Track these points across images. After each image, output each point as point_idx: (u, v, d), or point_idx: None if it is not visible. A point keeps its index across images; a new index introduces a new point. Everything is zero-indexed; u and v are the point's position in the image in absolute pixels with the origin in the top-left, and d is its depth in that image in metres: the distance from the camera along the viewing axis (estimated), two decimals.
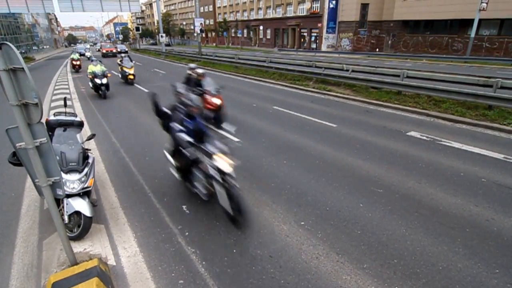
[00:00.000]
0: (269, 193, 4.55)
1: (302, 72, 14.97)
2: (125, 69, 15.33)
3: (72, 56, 22.54)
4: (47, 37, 78.23)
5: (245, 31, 53.45)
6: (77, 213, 3.40)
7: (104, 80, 11.87)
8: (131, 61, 15.94)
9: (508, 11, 24.17)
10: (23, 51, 45.05)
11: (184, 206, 4.22)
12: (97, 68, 11.97)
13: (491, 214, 3.93)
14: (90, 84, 12.65)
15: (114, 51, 38.59)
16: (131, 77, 15.30)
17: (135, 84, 15.15)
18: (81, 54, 29.10)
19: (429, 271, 3.01)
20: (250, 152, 6.13)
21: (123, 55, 17.08)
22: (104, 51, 39.09)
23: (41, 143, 2.47)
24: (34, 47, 54.09)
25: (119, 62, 16.13)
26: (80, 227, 3.41)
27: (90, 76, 12.18)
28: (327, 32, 38.89)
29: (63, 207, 3.40)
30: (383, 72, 12.25)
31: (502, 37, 25.94)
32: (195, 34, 32.09)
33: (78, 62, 21.83)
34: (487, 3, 23.44)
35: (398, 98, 10.42)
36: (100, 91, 12.04)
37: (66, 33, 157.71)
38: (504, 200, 4.26)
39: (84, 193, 3.52)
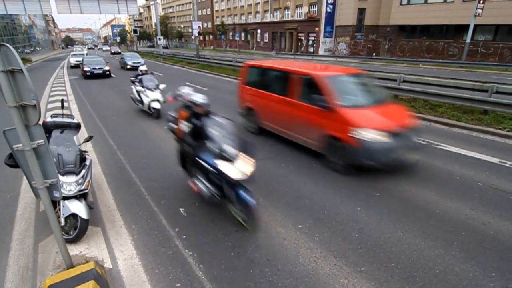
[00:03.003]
0: (266, 197, 4.55)
1: None
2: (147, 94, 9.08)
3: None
4: (44, 38, 78.04)
5: (242, 34, 53.63)
6: (74, 215, 3.38)
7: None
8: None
9: (503, 17, 24.49)
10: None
11: (181, 209, 4.21)
12: None
13: (487, 218, 3.96)
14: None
15: None
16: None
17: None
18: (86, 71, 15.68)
19: (426, 275, 3.03)
20: None
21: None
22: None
23: (39, 145, 2.45)
24: (26, 50, 53.51)
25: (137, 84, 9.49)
26: (76, 229, 3.38)
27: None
28: (324, 36, 39.14)
29: (59, 209, 3.37)
30: (380, 76, 12.33)
31: (497, 42, 26.25)
32: (193, 37, 31.93)
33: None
34: (482, 9, 23.76)
35: (394, 102, 10.47)
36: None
37: (63, 35, 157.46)
38: (500, 204, 4.29)
39: (81, 195, 3.50)
